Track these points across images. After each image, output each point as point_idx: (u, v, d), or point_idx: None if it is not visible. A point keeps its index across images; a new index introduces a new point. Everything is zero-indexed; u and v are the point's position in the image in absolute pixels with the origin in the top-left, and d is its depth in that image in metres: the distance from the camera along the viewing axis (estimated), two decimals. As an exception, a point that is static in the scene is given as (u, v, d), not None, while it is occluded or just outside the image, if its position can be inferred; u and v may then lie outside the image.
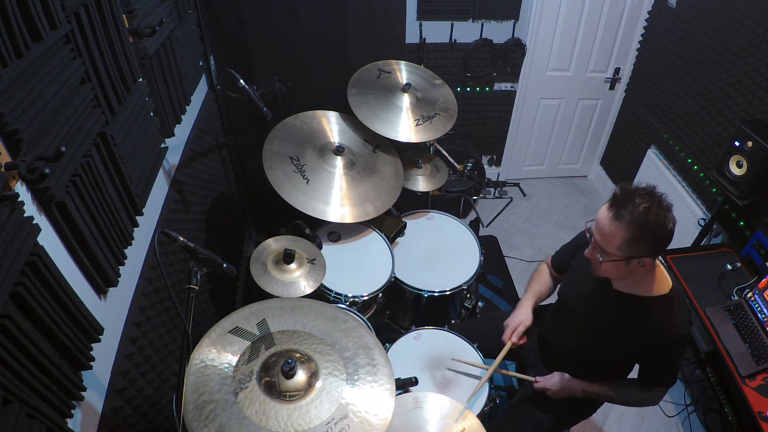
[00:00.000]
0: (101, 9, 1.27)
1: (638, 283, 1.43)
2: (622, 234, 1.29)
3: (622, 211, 1.27)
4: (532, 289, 1.87)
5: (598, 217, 1.34)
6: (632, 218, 1.26)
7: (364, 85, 2.33)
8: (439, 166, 2.56)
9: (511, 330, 1.76)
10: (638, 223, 1.26)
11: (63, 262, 1.08)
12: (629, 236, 1.28)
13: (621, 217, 1.27)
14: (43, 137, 1.00)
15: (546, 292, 1.87)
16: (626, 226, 1.27)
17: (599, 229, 1.34)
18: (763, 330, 2.08)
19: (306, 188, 2.05)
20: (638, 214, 1.25)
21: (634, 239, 1.28)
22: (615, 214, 1.28)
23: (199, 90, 2.31)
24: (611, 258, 1.34)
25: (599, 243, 1.35)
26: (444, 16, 3.05)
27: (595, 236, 1.36)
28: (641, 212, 1.25)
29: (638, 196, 1.27)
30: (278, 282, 1.72)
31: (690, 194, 2.88)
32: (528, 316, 1.78)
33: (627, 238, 1.28)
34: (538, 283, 1.87)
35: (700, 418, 2.47)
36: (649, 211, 1.25)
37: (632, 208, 1.26)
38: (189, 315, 1.09)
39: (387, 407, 1.21)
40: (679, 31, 2.89)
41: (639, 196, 1.27)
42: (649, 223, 1.25)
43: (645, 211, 1.25)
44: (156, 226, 1.69)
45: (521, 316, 1.78)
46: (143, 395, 1.41)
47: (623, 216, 1.27)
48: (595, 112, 3.71)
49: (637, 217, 1.25)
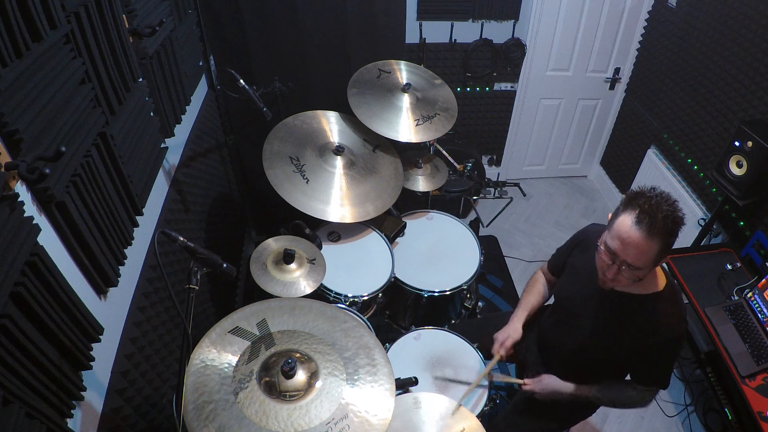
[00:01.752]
0: (101, 9, 1.27)
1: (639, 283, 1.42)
2: (657, 245, 1.27)
3: (652, 226, 1.25)
4: (526, 301, 1.87)
5: (628, 235, 1.28)
6: (664, 231, 1.25)
7: (364, 85, 2.33)
8: (439, 166, 2.56)
9: (499, 343, 1.76)
10: (669, 232, 1.26)
11: (63, 262, 1.08)
12: (663, 246, 1.28)
13: (654, 232, 1.25)
14: (43, 137, 1.00)
15: (540, 302, 1.88)
16: (661, 240, 1.26)
17: (633, 247, 1.28)
18: (763, 330, 2.08)
19: (306, 188, 2.05)
20: (666, 224, 1.25)
21: (666, 247, 1.28)
22: (648, 232, 1.25)
23: (199, 90, 2.32)
24: (645, 272, 1.33)
25: (629, 261, 1.30)
26: (444, 16, 3.05)
27: (623, 255, 1.30)
28: (668, 221, 1.24)
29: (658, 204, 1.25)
30: (278, 282, 1.72)
31: (690, 194, 2.89)
32: (517, 331, 1.78)
33: (661, 248, 1.28)
34: (531, 295, 1.87)
35: (700, 418, 2.47)
36: (667, 216, 1.25)
37: (658, 219, 1.24)
38: (189, 315, 1.09)
39: (387, 407, 1.21)
40: (679, 31, 2.89)
41: (655, 205, 1.25)
42: (674, 228, 1.26)
43: (666, 217, 1.24)
44: (156, 226, 1.69)
45: (510, 331, 1.78)
46: (143, 395, 1.41)
47: (655, 230, 1.25)
48: (595, 112, 3.71)
49: (665, 227, 1.25)
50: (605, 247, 1.35)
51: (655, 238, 1.26)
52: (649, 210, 1.25)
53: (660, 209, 1.24)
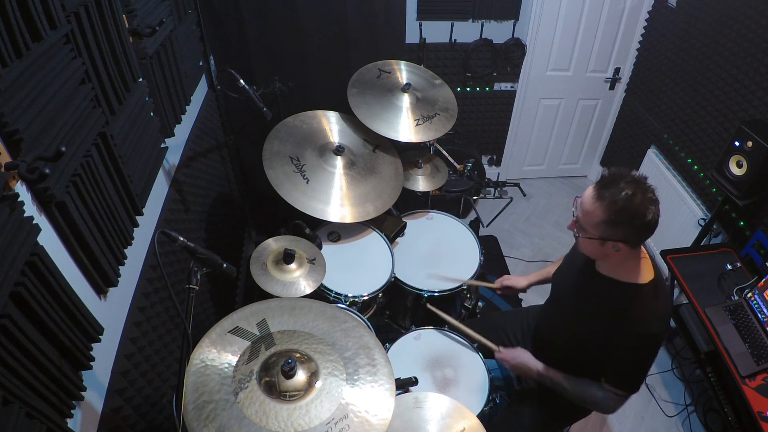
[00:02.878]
0: (101, 9, 1.27)
1: (618, 268, 1.42)
2: (600, 214, 1.30)
3: (605, 191, 1.29)
4: (546, 270, 1.99)
5: (585, 193, 1.36)
6: (612, 201, 1.27)
7: (364, 85, 2.33)
8: (439, 166, 2.56)
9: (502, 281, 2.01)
10: (617, 207, 1.27)
11: (63, 262, 1.08)
12: (606, 218, 1.29)
13: (603, 198, 1.29)
14: (43, 137, 1.00)
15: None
16: (605, 207, 1.28)
17: (581, 205, 1.36)
18: (763, 330, 2.08)
19: (306, 188, 2.05)
20: (619, 198, 1.26)
21: (610, 222, 1.29)
22: (598, 194, 1.30)
23: (199, 90, 2.31)
24: (587, 235, 1.36)
25: (579, 218, 1.38)
26: (444, 16, 3.05)
27: (578, 211, 1.39)
28: (623, 198, 1.26)
29: (625, 181, 1.28)
30: (278, 282, 1.72)
31: (690, 194, 2.88)
32: (520, 282, 1.98)
33: (604, 219, 1.30)
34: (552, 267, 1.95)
35: (700, 418, 2.47)
36: (631, 198, 1.25)
37: (615, 191, 1.27)
38: (189, 315, 1.09)
39: (387, 407, 1.21)
40: (679, 31, 2.89)
41: (626, 182, 1.27)
42: (627, 209, 1.26)
43: (627, 197, 1.25)
44: (156, 226, 1.69)
45: (518, 278, 2.01)
46: (143, 395, 1.41)
47: (605, 196, 1.28)
48: (595, 112, 3.71)
49: (617, 200, 1.26)
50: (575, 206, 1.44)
51: (601, 204, 1.29)
52: (611, 179, 1.30)
53: (618, 183, 1.27)
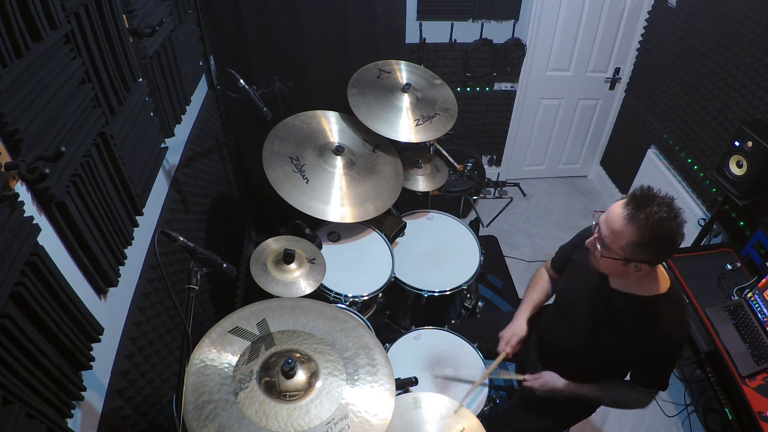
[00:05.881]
0: (101, 9, 1.27)
1: (635, 284, 1.42)
2: (630, 235, 1.26)
3: (638, 212, 1.25)
4: (529, 298, 1.86)
5: (611, 211, 1.31)
6: (646, 223, 1.24)
7: (364, 85, 2.33)
8: (439, 166, 2.56)
9: (505, 341, 1.76)
10: (650, 230, 1.24)
11: (63, 262, 1.08)
12: (637, 239, 1.26)
13: (635, 219, 1.25)
14: (43, 137, 1.00)
15: (544, 299, 1.87)
16: (638, 229, 1.25)
17: (609, 224, 1.31)
18: (763, 330, 2.08)
19: (306, 188, 2.05)
20: (653, 221, 1.23)
21: (640, 244, 1.26)
22: (630, 215, 1.26)
23: (199, 90, 2.31)
24: (611, 255, 1.33)
25: (604, 237, 1.33)
26: (444, 16, 3.05)
27: (602, 229, 1.34)
28: (656, 220, 1.22)
29: (657, 203, 1.24)
30: (278, 282, 1.72)
31: (690, 194, 2.89)
32: (522, 328, 1.77)
33: (634, 240, 1.26)
34: (535, 291, 1.86)
35: (700, 418, 2.47)
36: (663, 221, 1.22)
37: (649, 212, 1.23)
38: (189, 315, 1.09)
39: (387, 407, 1.21)
40: (679, 31, 2.89)
41: (658, 204, 1.24)
42: (660, 232, 1.23)
43: (660, 219, 1.22)
44: (156, 226, 1.69)
45: (515, 328, 1.78)
46: (143, 395, 1.41)
47: (638, 218, 1.24)
48: (595, 112, 3.71)
49: (651, 223, 1.23)
50: (596, 221, 1.39)
51: (632, 226, 1.25)
52: (641, 200, 1.26)
53: (653, 206, 1.24)
